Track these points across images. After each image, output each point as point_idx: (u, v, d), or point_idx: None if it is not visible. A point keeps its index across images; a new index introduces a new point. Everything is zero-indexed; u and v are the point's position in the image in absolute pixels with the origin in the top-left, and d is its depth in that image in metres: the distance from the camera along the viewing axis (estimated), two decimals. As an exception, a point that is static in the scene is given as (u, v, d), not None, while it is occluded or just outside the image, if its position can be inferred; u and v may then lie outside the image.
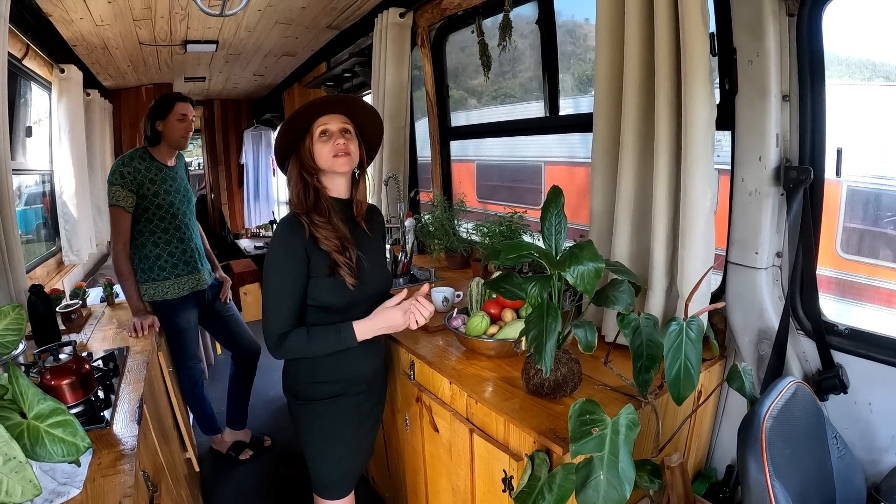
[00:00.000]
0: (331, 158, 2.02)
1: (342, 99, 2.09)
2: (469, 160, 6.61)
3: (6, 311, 1.51)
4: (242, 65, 6.57)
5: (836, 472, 1.72)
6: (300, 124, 2.05)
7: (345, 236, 2.02)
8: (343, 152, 2.02)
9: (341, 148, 2.02)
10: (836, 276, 3.28)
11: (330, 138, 2.03)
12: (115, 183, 3.01)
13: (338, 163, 2.03)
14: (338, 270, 1.97)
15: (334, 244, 1.97)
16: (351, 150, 2.05)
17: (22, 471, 1.08)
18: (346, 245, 2.01)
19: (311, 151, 2.05)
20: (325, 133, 2.04)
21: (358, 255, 2.04)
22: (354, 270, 2.00)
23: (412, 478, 2.68)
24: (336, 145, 2.02)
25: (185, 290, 3.31)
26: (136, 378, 2.34)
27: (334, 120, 2.05)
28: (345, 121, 2.08)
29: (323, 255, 1.96)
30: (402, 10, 3.92)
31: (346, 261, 1.98)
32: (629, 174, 2.22)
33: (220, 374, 4.93)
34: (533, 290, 1.71)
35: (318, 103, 2.03)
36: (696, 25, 1.85)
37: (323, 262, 1.97)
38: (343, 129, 2.06)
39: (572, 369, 1.91)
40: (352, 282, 1.98)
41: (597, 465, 1.35)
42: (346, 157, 2.03)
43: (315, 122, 2.04)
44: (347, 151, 2.03)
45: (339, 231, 1.99)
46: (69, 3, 3.75)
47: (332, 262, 1.97)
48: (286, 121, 2.05)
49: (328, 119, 2.05)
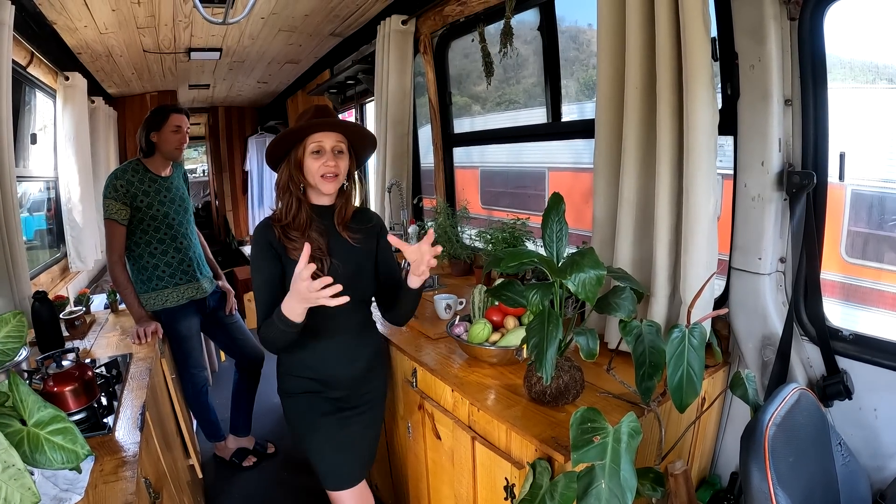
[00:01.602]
0: (318, 177, 2.06)
1: (342, 125, 2.10)
2: (473, 166, 6.62)
3: (7, 318, 1.51)
4: (246, 72, 6.59)
5: (841, 479, 1.71)
6: (295, 137, 2.06)
7: (318, 248, 2.05)
8: (332, 174, 2.06)
9: (331, 169, 2.05)
10: (841, 281, 3.27)
11: (322, 155, 2.05)
12: (109, 196, 3.03)
13: (325, 184, 2.07)
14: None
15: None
16: (341, 169, 2.08)
17: (21, 478, 1.08)
18: (317, 256, 2.03)
19: (302, 164, 2.07)
20: (317, 151, 2.05)
21: (332, 263, 2.08)
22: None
23: (415, 485, 2.68)
24: (326, 165, 2.04)
25: (183, 299, 3.32)
26: (139, 385, 2.34)
27: (329, 138, 2.06)
28: (339, 139, 2.09)
29: (293, 262, 1.94)
30: (405, 18, 3.92)
31: (316, 272, 1.92)
32: (631, 180, 2.22)
33: (223, 380, 4.94)
34: (534, 298, 1.71)
35: (315, 124, 2.04)
36: (697, 30, 1.85)
37: (293, 268, 1.92)
38: (336, 149, 2.08)
39: (574, 377, 1.91)
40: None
41: (598, 473, 1.35)
42: (334, 179, 2.07)
43: (309, 137, 2.05)
44: (336, 173, 2.07)
45: (312, 242, 1.97)
46: (73, 11, 3.78)
47: None
48: (282, 134, 2.06)
49: (323, 137, 2.05)
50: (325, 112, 2.12)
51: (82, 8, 3.74)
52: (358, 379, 2.27)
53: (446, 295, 2.88)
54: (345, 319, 2.17)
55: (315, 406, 2.20)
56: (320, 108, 2.13)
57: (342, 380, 2.22)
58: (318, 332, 2.12)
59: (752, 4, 1.92)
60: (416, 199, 4.50)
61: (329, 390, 2.21)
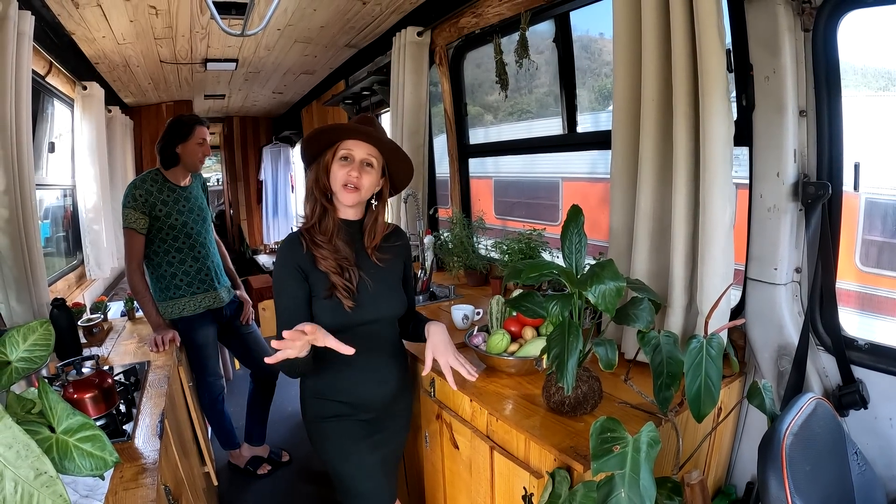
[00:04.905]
0: (340, 186, 1.98)
1: (376, 137, 2.00)
2: (487, 176, 6.63)
3: (35, 326, 1.53)
4: (262, 83, 6.64)
5: (857, 488, 1.71)
6: (328, 139, 2.01)
7: (345, 257, 1.98)
8: (353, 186, 1.97)
9: (352, 180, 1.96)
10: (856, 290, 3.26)
11: (349, 164, 1.97)
12: (128, 206, 3.07)
13: (345, 194, 1.98)
14: (335, 292, 1.94)
15: (332, 265, 1.94)
16: (364, 184, 1.98)
17: (52, 485, 1.09)
18: (344, 266, 1.97)
19: (329, 168, 1.99)
20: (346, 158, 1.98)
21: (360, 276, 2.01)
22: (353, 293, 1.97)
23: (431, 495, 2.68)
24: (349, 175, 1.96)
25: (200, 308, 3.34)
26: (158, 392, 2.36)
27: (360, 147, 1.98)
28: (371, 151, 2.01)
29: (321, 275, 1.94)
30: (420, 29, 3.95)
31: (345, 283, 1.95)
32: (648, 191, 2.22)
33: (238, 388, 4.96)
34: (554, 309, 1.71)
35: (349, 129, 1.99)
36: (712, 42, 1.86)
37: (321, 282, 1.94)
38: (365, 161, 1.99)
39: (593, 387, 1.91)
40: (349, 304, 1.95)
41: (618, 482, 1.35)
42: (354, 191, 1.98)
43: (342, 142, 1.98)
44: (358, 186, 1.97)
45: (339, 252, 1.96)
46: (92, 21, 3.82)
47: (330, 283, 1.94)
48: (316, 130, 2.02)
49: (355, 145, 1.98)
50: (368, 123, 2.04)
51: (100, 19, 3.79)
52: (388, 400, 2.20)
53: (463, 305, 2.89)
54: (375, 340, 2.11)
55: (347, 431, 2.11)
56: (365, 119, 2.07)
57: (373, 401, 2.15)
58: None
59: (766, 16, 1.93)
60: (432, 210, 4.51)
61: (360, 413, 2.13)
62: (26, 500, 1.06)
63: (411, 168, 2.18)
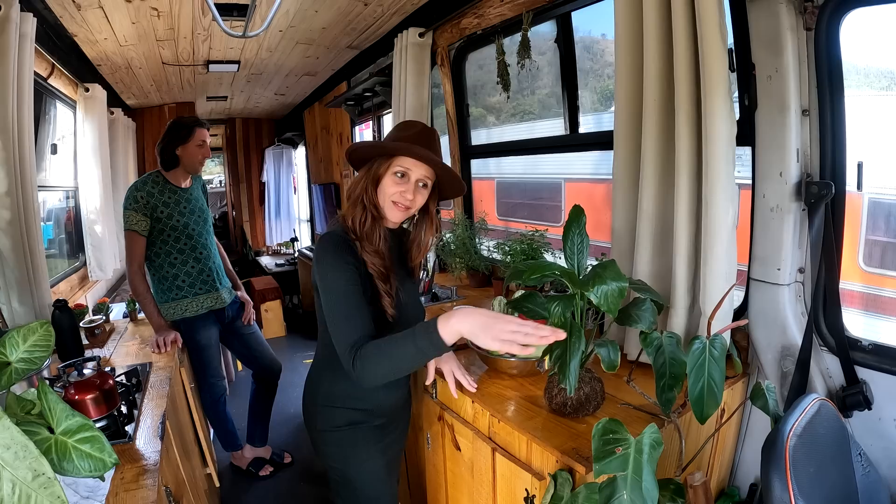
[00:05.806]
0: (389, 201, 1.89)
1: (439, 163, 1.89)
2: (489, 177, 6.63)
3: (34, 327, 1.53)
4: (264, 84, 6.64)
5: (861, 489, 1.70)
6: (385, 151, 1.91)
7: (388, 265, 1.91)
8: (404, 206, 1.90)
9: (406, 200, 1.89)
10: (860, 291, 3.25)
11: (404, 182, 1.89)
12: (129, 208, 3.08)
13: (394, 211, 1.91)
14: (380, 300, 1.87)
15: (379, 271, 1.87)
16: (415, 204, 1.92)
17: (50, 486, 1.09)
18: (388, 273, 1.90)
19: (380, 180, 1.91)
20: (402, 174, 1.88)
21: (397, 286, 1.96)
22: (394, 300, 1.91)
23: (433, 496, 2.67)
24: (403, 194, 1.88)
25: (202, 309, 3.35)
26: (159, 394, 2.36)
27: (418, 168, 1.89)
28: (428, 173, 1.92)
29: (366, 281, 1.86)
30: (422, 30, 3.94)
31: (388, 290, 1.89)
32: (650, 191, 2.22)
33: (240, 390, 4.95)
34: (556, 310, 1.70)
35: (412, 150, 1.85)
36: (714, 42, 1.85)
37: (365, 289, 1.86)
38: (421, 182, 1.91)
39: (595, 388, 1.91)
40: (392, 313, 1.89)
41: (620, 484, 1.34)
42: (404, 210, 1.91)
43: (399, 157, 1.88)
44: (409, 206, 1.91)
45: (384, 259, 1.89)
46: (94, 23, 3.82)
47: (373, 290, 1.87)
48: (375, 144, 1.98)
49: (413, 164, 1.88)
50: (429, 139, 1.93)
51: (102, 21, 3.79)
52: (399, 404, 2.21)
53: (465, 307, 2.85)
54: None
55: (362, 438, 2.07)
56: (426, 133, 1.94)
57: (386, 407, 2.13)
58: None
59: (768, 16, 1.92)
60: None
61: (373, 419, 2.09)
62: (24, 501, 1.06)
63: (462, 187, 2.07)
